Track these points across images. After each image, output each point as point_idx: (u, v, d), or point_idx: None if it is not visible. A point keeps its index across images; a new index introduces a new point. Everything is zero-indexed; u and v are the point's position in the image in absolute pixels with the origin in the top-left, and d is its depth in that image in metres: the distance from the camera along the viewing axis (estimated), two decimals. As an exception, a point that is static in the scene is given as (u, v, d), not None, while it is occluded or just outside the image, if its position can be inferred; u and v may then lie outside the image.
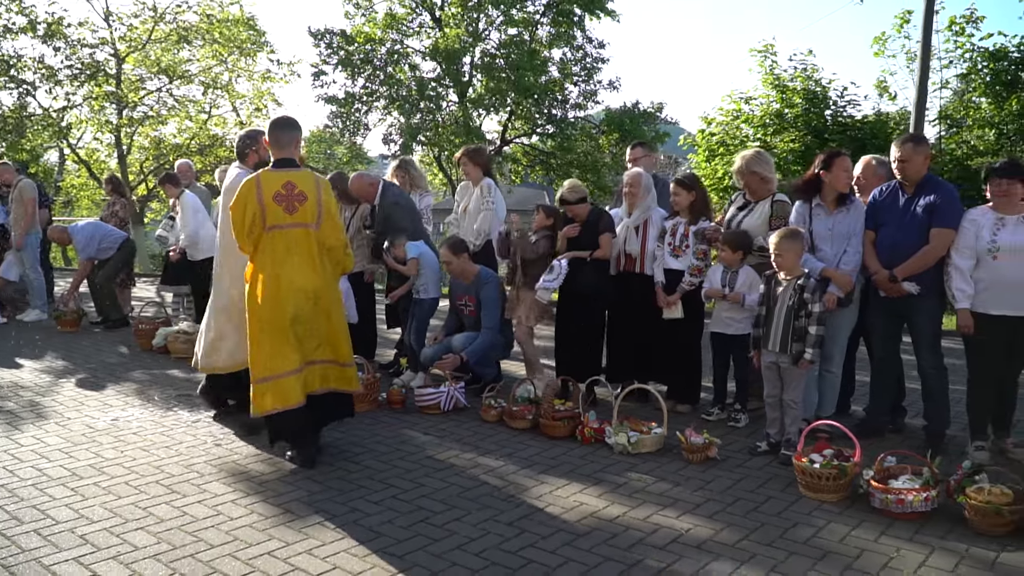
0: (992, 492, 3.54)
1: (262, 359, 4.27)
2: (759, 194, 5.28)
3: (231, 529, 3.56)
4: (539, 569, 3.18)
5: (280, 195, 4.27)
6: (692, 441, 4.48)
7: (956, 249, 4.40)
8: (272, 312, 4.25)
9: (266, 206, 4.24)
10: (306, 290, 4.30)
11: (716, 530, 3.57)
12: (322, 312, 4.38)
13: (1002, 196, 4.34)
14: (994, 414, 4.61)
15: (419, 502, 3.89)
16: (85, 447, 4.71)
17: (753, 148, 5.60)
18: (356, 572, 3.16)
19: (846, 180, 4.73)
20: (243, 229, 4.30)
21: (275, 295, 4.26)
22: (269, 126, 4.52)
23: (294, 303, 4.27)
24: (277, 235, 4.28)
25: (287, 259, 4.29)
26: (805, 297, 4.33)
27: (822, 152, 5.04)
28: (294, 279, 4.28)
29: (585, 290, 5.58)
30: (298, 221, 4.30)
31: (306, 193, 4.32)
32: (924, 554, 3.33)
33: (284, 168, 4.37)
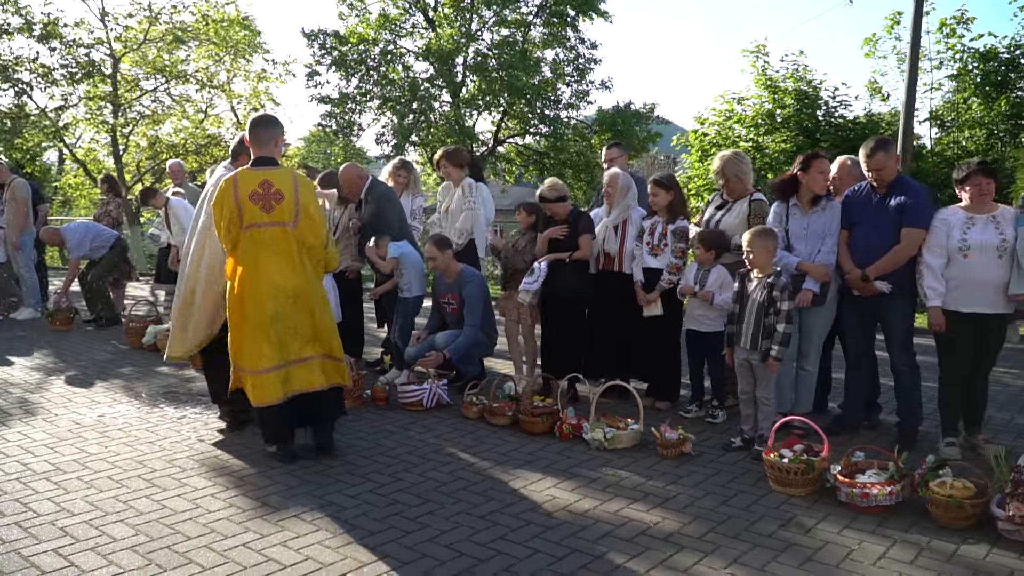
0: (954, 486, 3.61)
1: (243, 355, 4.35)
2: (737, 193, 5.36)
3: (208, 522, 3.63)
4: (506, 560, 3.26)
5: (256, 194, 4.28)
6: (666, 437, 4.56)
7: (928, 248, 4.48)
8: (252, 310, 4.29)
9: (243, 205, 4.26)
10: (285, 289, 4.32)
11: (684, 523, 3.65)
12: (304, 310, 4.40)
13: (981, 196, 4.41)
14: (966, 411, 4.69)
15: (395, 496, 3.96)
16: (70, 443, 4.78)
17: (732, 150, 5.67)
18: (328, 563, 3.23)
19: (822, 182, 4.81)
20: (220, 228, 4.33)
21: (254, 294, 4.29)
22: (249, 124, 4.52)
23: (273, 302, 4.29)
24: (255, 234, 4.29)
25: (266, 258, 4.30)
26: (774, 295, 4.40)
27: (801, 154, 5.12)
28: (272, 278, 4.30)
29: (565, 292, 5.65)
30: (275, 220, 4.31)
31: (283, 192, 4.32)
32: (885, 546, 3.41)
33: (262, 167, 4.38)
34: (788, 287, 4.46)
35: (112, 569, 3.16)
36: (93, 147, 19.26)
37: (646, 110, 17.49)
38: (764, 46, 14.29)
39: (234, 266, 4.40)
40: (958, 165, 4.58)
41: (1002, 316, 4.48)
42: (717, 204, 5.51)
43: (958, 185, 4.51)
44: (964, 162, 4.54)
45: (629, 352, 5.71)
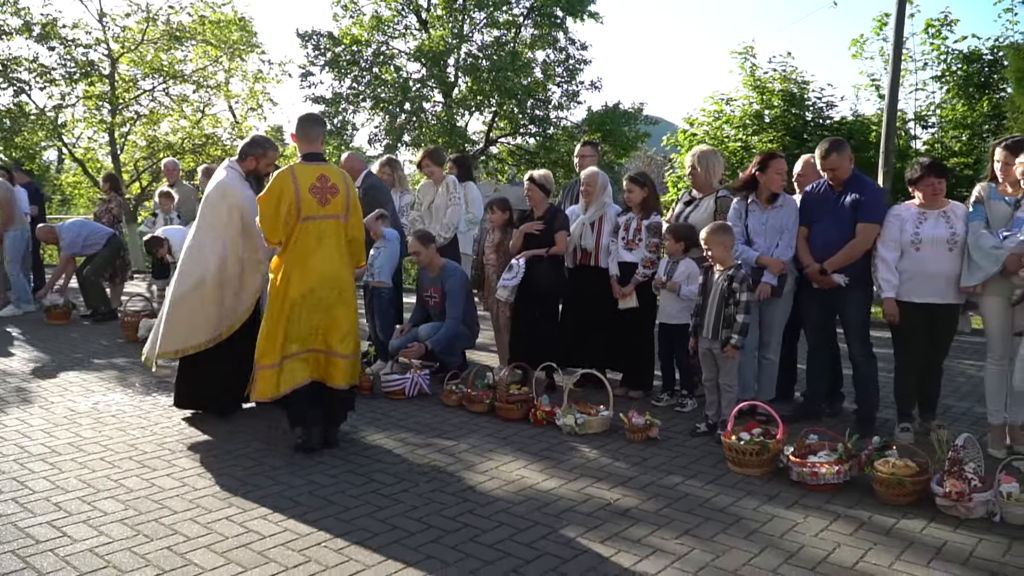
0: (896, 465, 3.83)
1: (277, 345, 4.45)
2: (704, 190, 5.59)
3: (195, 498, 3.85)
4: (471, 532, 3.48)
5: (315, 187, 4.44)
6: (634, 422, 4.78)
7: (882, 242, 4.70)
8: (301, 299, 4.43)
9: (302, 198, 4.40)
10: (332, 279, 4.49)
11: (642, 500, 3.87)
12: (344, 302, 4.57)
13: (934, 195, 4.63)
14: (920, 398, 4.91)
15: (373, 475, 4.18)
16: (65, 427, 5.00)
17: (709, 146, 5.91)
18: (304, 534, 3.45)
19: (779, 181, 5.03)
20: (276, 219, 4.41)
21: (305, 283, 4.43)
22: (298, 121, 4.69)
23: (321, 291, 4.45)
24: (311, 226, 4.43)
25: (317, 248, 4.46)
26: (733, 287, 4.63)
27: (760, 154, 5.35)
28: (322, 268, 4.46)
29: (542, 287, 5.88)
30: (330, 213, 4.48)
31: (338, 186, 4.53)
32: (828, 521, 3.63)
33: (316, 162, 4.56)
34: (747, 279, 4.68)
35: (102, 539, 3.38)
36: (92, 146, 19.49)
37: (634, 110, 17.72)
38: (752, 47, 14.54)
39: (281, 259, 4.53)
40: (911, 165, 4.80)
41: (953, 307, 4.69)
42: (685, 200, 5.74)
43: (911, 185, 4.72)
44: (916, 162, 4.76)
45: (603, 343, 5.92)
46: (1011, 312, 4.46)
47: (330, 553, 3.26)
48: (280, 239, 4.50)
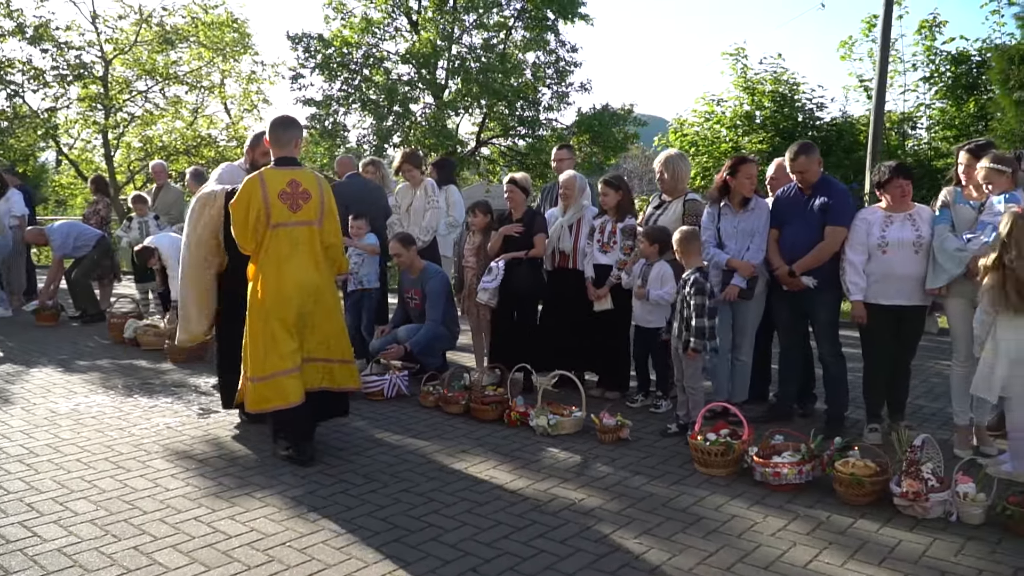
0: (856, 465, 3.89)
1: (261, 357, 4.31)
2: (673, 194, 5.65)
3: (166, 499, 3.91)
4: (434, 531, 3.54)
5: (285, 193, 4.30)
6: (605, 423, 4.84)
7: (850, 245, 4.75)
8: (277, 309, 4.29)
9: (271, 204, 4.27)
10: (309, 288, 4.36)
11: (606, 500, 3.93)
12: (323, 309, 4.45)
13: (903, 197, 4.69)
14: (889, 398, 4.96)
15: (343, 476, 4.24)
16: (45, 429, 5.06)
17: (677, 150, 5.97)
18: (270, 533, 3.51)
19: (749, 186, 5.09)
20: (246, 226, 4.30)
21: (279, 292, 4.30)
22: (270, 125, 4.56)
23: (298, 300, 4.33)
24: (282, 233, 4.30)
25: (291, 256, 4.31)
26: (686, 292, 4.71)
27: (730, 158, 5.41)
28: (298, 276, 4.32)
29: (521, 289, 5.94)
30: (302, 219, 4.35)
31: (310, 191, 4.38)
32: (787, 520, 3.69)
33: (287, 166, 4.42)
34: (700, 283, 4.73)
35: (71, 539, 3.44)
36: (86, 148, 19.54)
37: (623, 111, 17.78)
38: (743, 48, 14.61)
39: (257, 267, 4.40)
40: (877, 169, 4.85)
41: (920, 308, 4.75)
42: (655, 204, 5.81)
43: (879, 188, 4.77)
44: (882, 165, 4.81)
45: (580, 345, 5.98)
46: (975, 314, 4.51)
47: (293, 553, 3.32)
48: (252, 247, 4.39)
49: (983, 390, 4.18)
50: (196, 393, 6.02)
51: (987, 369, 4.12)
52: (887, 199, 4.73)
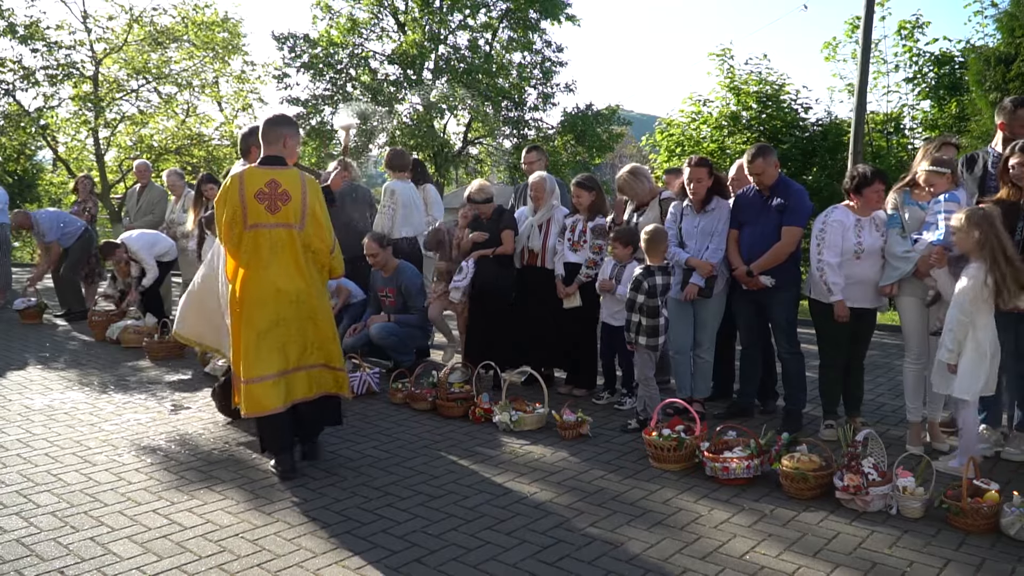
0: (801, 460, 3.99)
1: (243, 361, 4.17)
2: (645, 200, 5.75)
3: (127, 492, 4.01)
4: (385, 523, 3.63)
5: (263, 193, 4.14)
6: (566, 419, 4.93)
7: (828, 247, 4.70)
8: (254, 314, 4.14)
9: (247, 204, 4.12)
10: (288, 293, 4.18)
11: (558, 493, 4.02)
12: (307, 316, 4.26)
13: (878, 201, 4.71)
14: (846, 395, 5.05)
15: (304, 470, 4.33)
16: (17, 424, 5.15)
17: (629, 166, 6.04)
18: (225, 525, 3.60)
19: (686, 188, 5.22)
20: (222, 226, 4.21)
21: (257, 297, 4.14)
22: (262, 124, 4.43)
23: (276, 306, 4.15)
24: (260, 234, 4.14)
25: (271, 260, 4.16)
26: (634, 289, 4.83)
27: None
28: (276, 281, 4.15)
29: (490, 285, 6.04)
30: (281, 221, 4.16)
31: (290, 192, 4.19)
32: (731, 513, 3.78)
33: (270, 166, 4.25)
34: (643, 284, 4.84)
35: (31, 530, 3.53)
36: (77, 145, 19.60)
37: (608, 111, 17.89)
38: (729, 49, 14.67)
39: (235, 268, 4.25)
40: (850, 172, 4.88)
41: (875, 309, 4.85)
42: (634, 207, 5.89)
43: (855, 192, 4.73)
44: (864, 168, 4.83)
45: (549, 343, 6.07)
46: (927, 312, 4.61)
47: (245, 543, 3.41)
48: (230, 248, 4.25)
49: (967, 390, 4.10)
50: (170, 390, 6.11)
51: (970, 368, 4.09)
52: (859, 201, 4.73)
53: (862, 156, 11.86)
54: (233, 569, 3.18)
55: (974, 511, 3.52)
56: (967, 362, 4.12)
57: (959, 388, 4.13)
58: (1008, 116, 4.67)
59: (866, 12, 11.84)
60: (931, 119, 13.32)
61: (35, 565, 3.20)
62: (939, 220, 4.27)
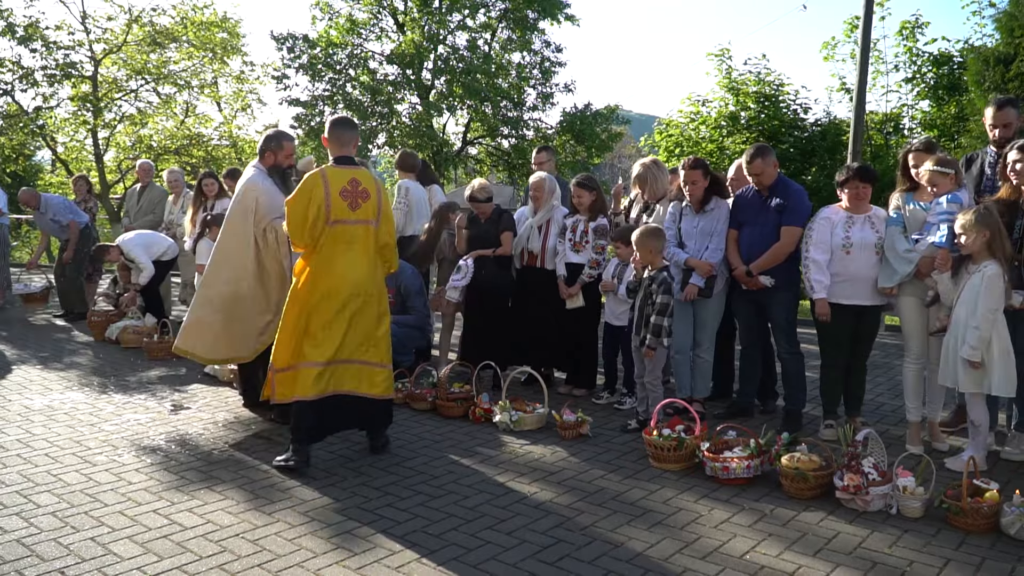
0: (800, 460, 3.99)
1: (291, 349, 4.32)
2: (656, 196, 5.73)
3: (127, 492, 4.01)
4: (386, 524, 3.63)
5: (346, 191, 4.34)
6: (566, 419, 4.93)
7: (814, 244, 4.78)
8: (321, 305, 4.30)
9: (332, 201, 4.29)
10: (358, 285, 4.36)
11: (558, 494, 4.02)
12: (373, 311, 4.45)
13: (858, 199, 4.77)
14: (847, 395, 5.06)
15: (303, 471, 4.33)
16: (17, 424, 5.15)
17: (652, 157, 6.04)
18: (225, 525, 3.60)
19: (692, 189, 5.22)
20: (304, 222, 4.28)
21: (328, 287, 4.30)
22: (329, 124, 4.57)
23: (347, 296, 4.33)
24: (340, 230, 4.32)
25: (346, 253, 4.34)
26: (651, 289, 4.80)
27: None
28: (349, 274, 4.33)
29: (488, 285, 6.04)
30: (360, 218, 4.37)
31: (369, 191, 4.41)
32: (731, 513, 3.78)
33: (348, 165, 4.46)
34: (665, 282, 4.83)
35: (31, 530, 3.53)
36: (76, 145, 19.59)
37: (607, 110, 17.90)
38: (728, 50, 14.69)
39: (306, 262, 4.38)
40: (840, 168, 4.93)
41: (877, 307, 4.85)
42: (642, 207, 5.89)
43: (839, 187, 4.85)
44: (845, 166, 4.89)
45: (549, 343, 6.07)
46: (926, 312, 4.61)
47: (245, 543, 3.41)
48: (307, 243, 4.35)
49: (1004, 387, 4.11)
50: (170, 390, 6.11)
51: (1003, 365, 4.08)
52: (845, 198, 4.80)
53: (861, 156, 11.87)
54: (234, 569, 3.18)
55: (974, 511, 3.53)
56: (999, 360, 4.10)
57: (997, 386, 4.11)
58: (992, 114, 4.73)
59: (865, 12, 11.84)
60: (930, 119, 13.34)
61: (35, 565, 3.20)
62: (941, 222, 4.28)
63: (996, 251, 4.05)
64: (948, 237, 4.28)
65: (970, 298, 4.12)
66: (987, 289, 4.06)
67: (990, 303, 4.06)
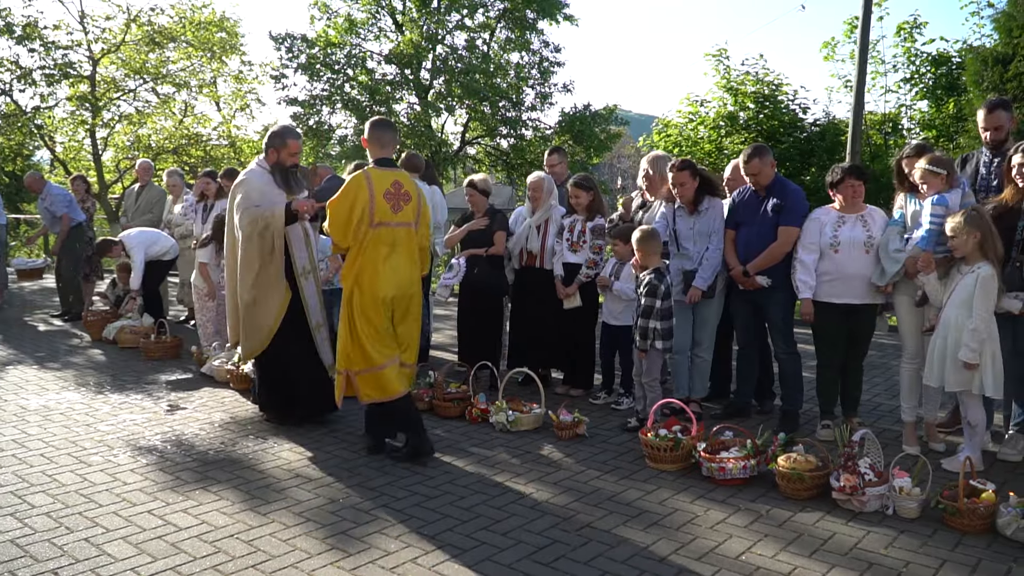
0: (797, 460, 3.98)
1: (362, 351, 4.37)
2: (657, 193, 5.72)
3: (122, 492, 3.99)
4: (381, 524, 3.62)
5: (389, 193, 4.35)
6: (562, 419, 4.93)
7: (802, 245, 4.83)
8: (374, 306, 4.35)
9: (376, 203, 4.30)
10: (403, 288, 4.43)
11: (555, 494, 4.02)
12: (412, 312, 4.55)
13: (854, 197, 4.76)
14: (843, 395, 5.05)
15: (299, 471, 4.33)
16: (13, 424, 5.14)
17: (658, 151, 6.05)
18: (220, 526, 3.60)
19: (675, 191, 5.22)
20: (347, 224, 4.31)
21: (377, 291, 4.34)
22: (369, 126, 4.57)
23: (394, 299, 4.40)
24: (384, 232, 4.34)
25: (390, 256, 4.37)
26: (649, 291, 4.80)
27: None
28: (394, 277, 4.38)
29: (481, 284, 6.04)
30: (402, 220, 4.41)
31: (410, 193, 4.45)
32: (727, 514, 3.77)
33: (389, 167, 4.49)
34: (652, 284, 4.83)
35: (25, 531, 3.52)
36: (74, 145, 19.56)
37: (606, 111, 17.89)
38: (725, 50, 14.67)
39: (352, 265, 4.40)
40: (832, 169, 4.93)
41: (870, 307, 4.84)
42: (638, 204, 5.88)
43: (832, 188, 4.84)
44: (836, 167, 4.89)
45: (547, 343, 6.06)
46: (922, 312, 4.61)
47: (240, 544, 3.40)
48: (349, 244, 4.38)
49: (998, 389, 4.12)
50: (166, 390, 6.10)
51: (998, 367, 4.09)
52: (840, 199, 4.81)
53: (860, 156, 11.86)
54: (228, 570, 3.17)
55: (970, 511, 3.52)
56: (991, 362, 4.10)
57: (995, 388, 4.10)
58: (984, 116, 4.74)
59: (864, 12, 11.84)
60: (928, 119, 13.33)
61: (29, 566, 3.19)
62: (927, 223, 4.29)
63: (988, 252, 4.06)
64: (928, 239, 4.29)
65: (962, 299, 4.12)
66: (982, 291, 4.05)
67: (987, 304, 4.06)
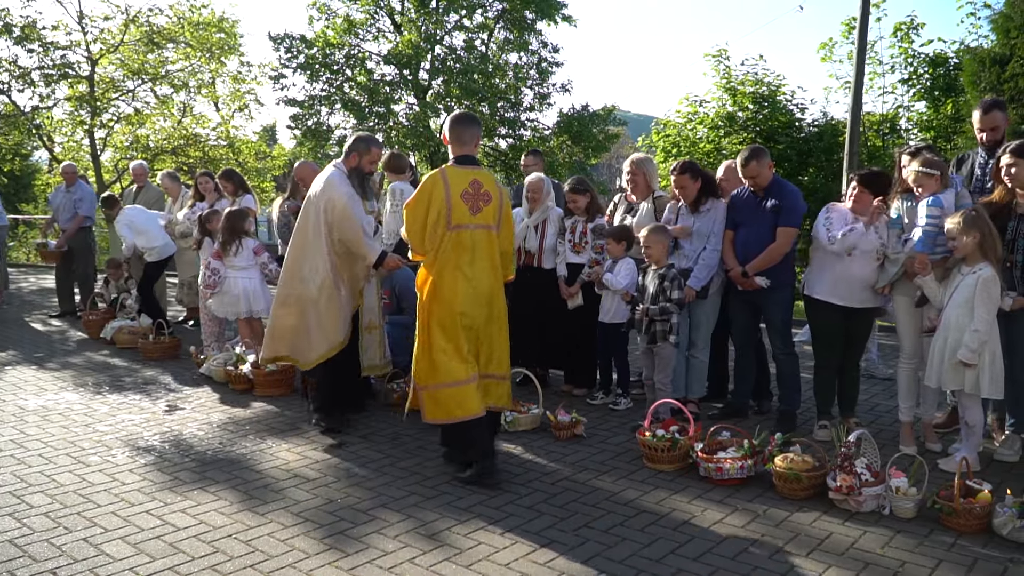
0: (794, 460, 3.99)
1: (434, 366, 4.09)
2: (643, 195, 5.74)
3: (121, 492, 4.00)
4: (378, 524, 3.63)
5: (467, 193, 4.05)
6: (560, 420, 4.93)
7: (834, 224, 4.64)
8: (452, 316, 4.07)
9: (453, 204, 4.02)
10: (484, 295, 4.12)
11: (553, 494, 4.02)
12: (496, 320, 4.22)
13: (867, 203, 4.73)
14: (840, 396, 5.06)
15: (297, 471, 4.33)
16: (11, 425, 5.14)
17: (642, 153, 6.08)
18: (218, 526, 3.60)
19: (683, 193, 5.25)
20: (424, 228, 4.07)
21: (454, 300, 4.06)
22: (450, 122, 4.27)
23: (473, 308, 4.10)
24: (463, 235, 4.06)
25: (472, 261, 4.08)
26: (664, 285, 4.83)
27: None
28: (473, 284, 4.08)
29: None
30: (481, 222, 4.10)
31: (491, 194, 4.13)
32: (725, 514, 3.78)
33: (469, 165, 4.18)
34: (678, 278, 4.86)
35: (24, 531, 3.53)
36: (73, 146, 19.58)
37: (604, 111, 17.92)
38: (725, 50, 14.69)
39: (428, 272, 4.15)
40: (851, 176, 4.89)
41: (869, 309, 4.85)
42: (625, 208, 5.89)
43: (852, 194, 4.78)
44: (856, 173, 4.87)
45: (547, 343, 6.07)
46: (919, 312, 4.62)
47: (238, 544, 3.41)
48: (427, 250, 4.13)
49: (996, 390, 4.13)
50: (164, 390, 6.11)
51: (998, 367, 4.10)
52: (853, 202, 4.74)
53: (857, 157, 11.88)
54: (226, 570, 3.18)
55: (967, 511, 3.53)
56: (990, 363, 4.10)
57: (993, 389, 4.11)
58: (979, 117, 4.75)
59: (861, 13, 11.86)
60: (926, 120, 13.35)
61: (28, 566, 3.19)
62: (922, 225, 4.29)
63: (988, 252, 4.07)
64: (925, 240, 4.29)
65: (962, 300, 4.13)
66: (984, 292, 4.06)
67: (988, 305, 4.07)
